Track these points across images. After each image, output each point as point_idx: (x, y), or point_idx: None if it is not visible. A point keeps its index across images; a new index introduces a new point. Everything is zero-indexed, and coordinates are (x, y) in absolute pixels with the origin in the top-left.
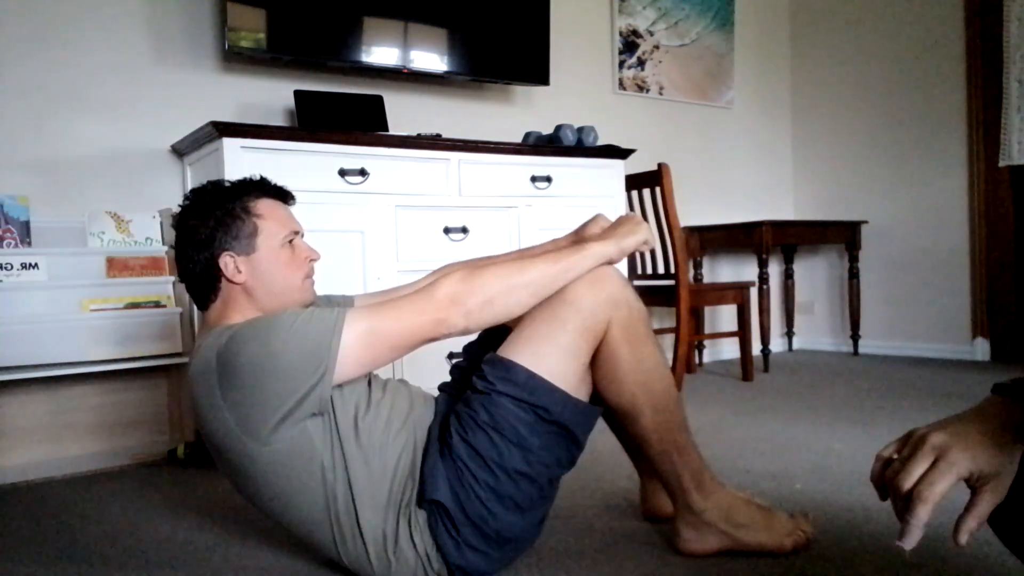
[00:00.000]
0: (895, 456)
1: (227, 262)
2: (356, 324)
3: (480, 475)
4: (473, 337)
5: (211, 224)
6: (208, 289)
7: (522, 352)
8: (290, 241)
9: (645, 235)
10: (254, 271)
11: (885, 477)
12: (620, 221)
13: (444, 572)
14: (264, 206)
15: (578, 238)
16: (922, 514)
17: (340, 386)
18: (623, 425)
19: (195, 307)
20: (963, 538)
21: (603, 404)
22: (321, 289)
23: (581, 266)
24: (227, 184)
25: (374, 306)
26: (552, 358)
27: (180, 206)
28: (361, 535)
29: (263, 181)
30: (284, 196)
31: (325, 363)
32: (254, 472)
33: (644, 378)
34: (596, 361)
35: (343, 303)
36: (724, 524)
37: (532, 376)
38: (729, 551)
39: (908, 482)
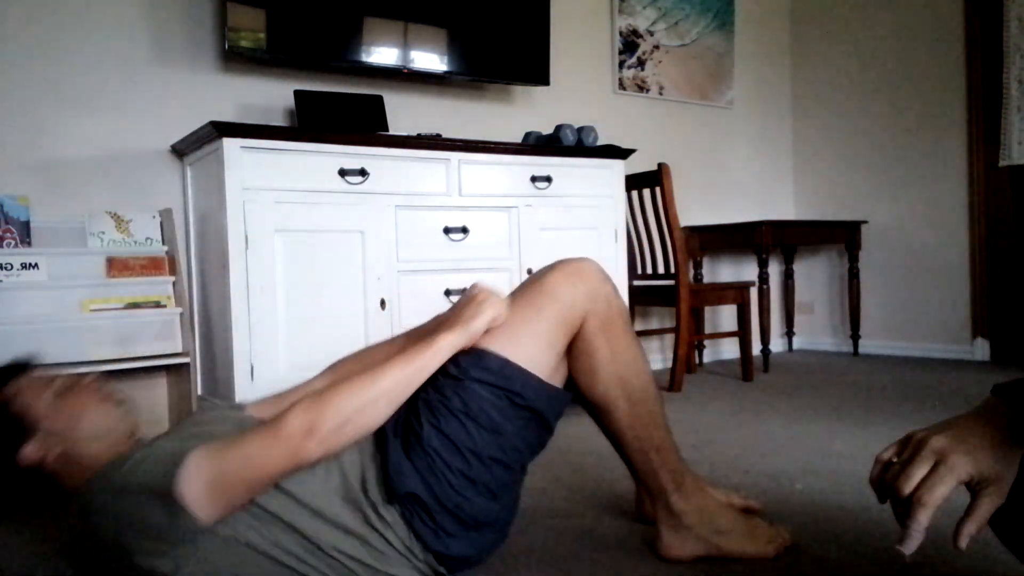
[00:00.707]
0: (895, 459)
1: (31, 457)
2: (197, 479)
3: (453, 462)
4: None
5: None
6: (49, 490)
7: (498, 338)
8: (65, 391)
9: (493, 312)
10: (59, 443)
11: (885, 480)
12: (463, 303)
13: (431, 560)
14: (29, 393)
15: (437, 321)
16: (922, 519)
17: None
18: (600, 421)
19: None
20: (963, 542)
21: (581, 399)
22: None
23: (434, 362)
24: None
25: (218, 450)
26: (527, 345)
27: None
28: (342, 562)
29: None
30: (22, 368)
31: (180, 533)
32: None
33: (620, 371)
34: (572, 354)
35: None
36: (705, 530)
37: (506, 363)
38: (710, 557)
39: (908, 486)
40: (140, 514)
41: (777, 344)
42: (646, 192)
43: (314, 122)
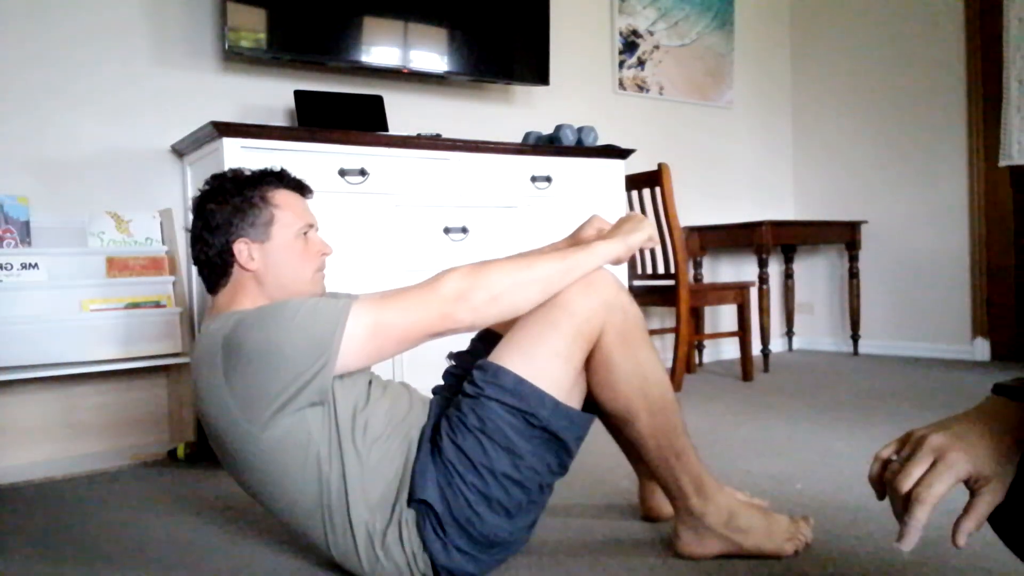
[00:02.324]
0: (894, 457)
1: (241, 248)
2: (361, 316)
3: (468, 478)
4: (466, 340)
5: (228, 210)
6: (220, 274)
7: (514, 356)
8: (304, 233)
9: (650, 231)
10: (267, 259)
11: (884, 478)
12: (624, 219)
13: (429, 573)
14: (282, 196)
15: (575, 240)
16: (921, 516)
17: (342, 378)
18: (620, 430)
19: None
20: (962, 540)
21: (598, 409)
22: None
23: (589, 264)
24: (247, 172)
25: (379, 298)
26: (544, 362)
27: (200, 190)
28: (352, 529)
29: (283, 172)
30: (302, 189)
31: (328, 353)
32: (250, 456)
33: (640, 383)
34: (591, 366)
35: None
36: (724, 528)
37: (521, 382)
38: (728, 555)
39: (907, 484)
40: (294, 345)
41: (777, 344)
42: (646, 192)
43: (314, 122)
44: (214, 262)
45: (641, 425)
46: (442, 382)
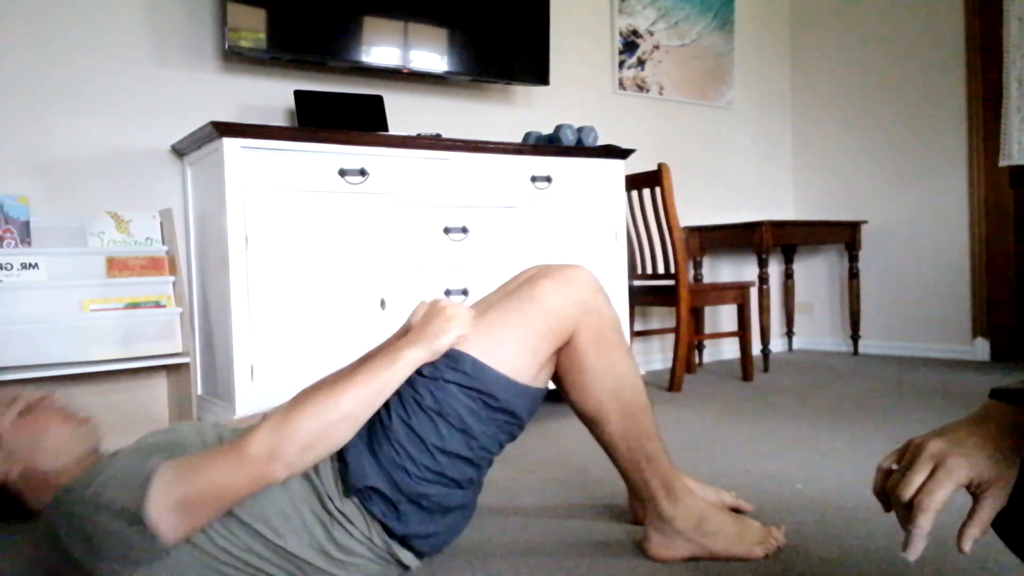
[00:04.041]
0: (895, 467)
1: None
2: (165, 500)
3: (418, 457)
4: None
5: None
6: (12, 508)
7: (480, 339)
8: (18, 415)
9: (460, 329)
10: (19, 460)
11: (886, 489)
12: (429, 315)
13: (391, 545)
14: None
15: (404, 330)
16: (924, 524)
17: None
18: (591, 431)
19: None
20: (967, 545)
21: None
22: (322, 288)
23: (397, 377)
24: None
25: (183, 471)
26: (508, 350)
27: None
28: (306, 560)
29: None
30: None
31: (149, 551)
32: None
33: (613, 385)
34: (564, 366)
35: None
36: (693, 532)
37: (478, 365)
38: (699, 558)
39: (908, 492)
40: (109, 532)
41: (777, 344)
42: (646, 192)
43: (314, 122)
44: None
45: (612, 428)
46: None
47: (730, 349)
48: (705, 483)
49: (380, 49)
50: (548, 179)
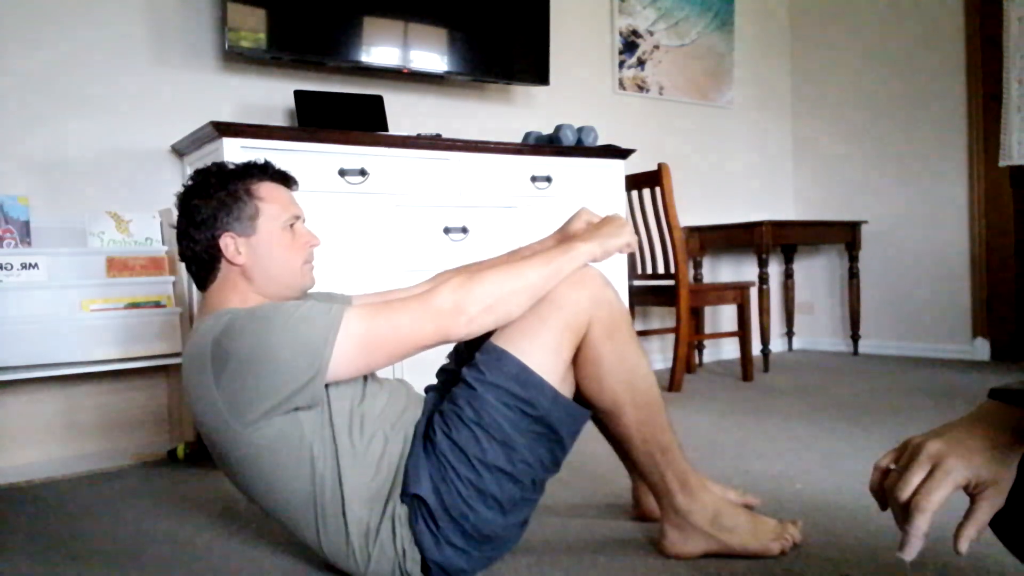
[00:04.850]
0: (892, 466)
1: (227, 243)
2: (353, 326)
3: (462, 471)
4: None
5: (213, 204)
6: (208, 270)
7: (508, 350)
8: (291, 225)
9: (628, 237)
10: (254, 253)
11: (883, 487)
12: (605, 221)
13: (417, 571)
14: (266, 189)
15: (563, 235)
16: (921, 524)
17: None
18: (606, 424)
19: (195, 301)
20: (963, 546)
21: (587, 405)
22: (320, 288)
23: (571, 266)
24: (231, 166)
25: (373, 309)
26: (536, 354)
27: (184, 186)
28: (346, 527)
29: (267, 164)
30: (287, 180)
31: (319, 363)
32: (241, 456)
33: (626, 376)
34: (578, 361)
35: (342, 302)
36: (710, 527)
37: (524, 368)
38: (715, 554)
39: (906, 492)
40: (279, 358)
41: (777, 344)
42: (646, 192)
43: (314, 122)
44: (201, 258)
45: (627, 419)
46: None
47: (730, 349)
48: (711, 481)
49: (380, 49)
50: (548, 179)
